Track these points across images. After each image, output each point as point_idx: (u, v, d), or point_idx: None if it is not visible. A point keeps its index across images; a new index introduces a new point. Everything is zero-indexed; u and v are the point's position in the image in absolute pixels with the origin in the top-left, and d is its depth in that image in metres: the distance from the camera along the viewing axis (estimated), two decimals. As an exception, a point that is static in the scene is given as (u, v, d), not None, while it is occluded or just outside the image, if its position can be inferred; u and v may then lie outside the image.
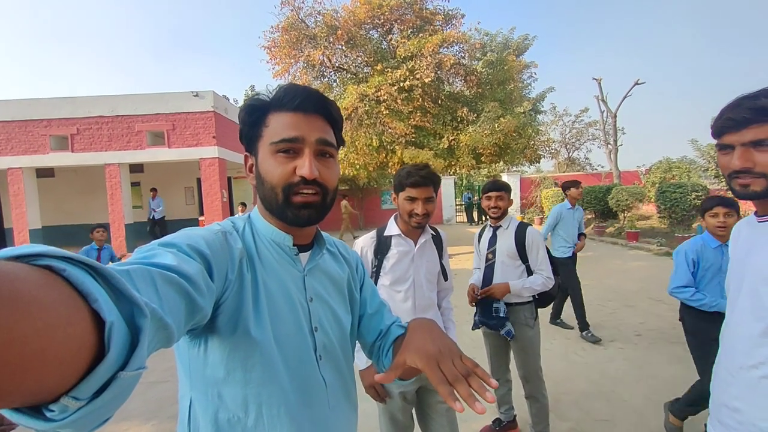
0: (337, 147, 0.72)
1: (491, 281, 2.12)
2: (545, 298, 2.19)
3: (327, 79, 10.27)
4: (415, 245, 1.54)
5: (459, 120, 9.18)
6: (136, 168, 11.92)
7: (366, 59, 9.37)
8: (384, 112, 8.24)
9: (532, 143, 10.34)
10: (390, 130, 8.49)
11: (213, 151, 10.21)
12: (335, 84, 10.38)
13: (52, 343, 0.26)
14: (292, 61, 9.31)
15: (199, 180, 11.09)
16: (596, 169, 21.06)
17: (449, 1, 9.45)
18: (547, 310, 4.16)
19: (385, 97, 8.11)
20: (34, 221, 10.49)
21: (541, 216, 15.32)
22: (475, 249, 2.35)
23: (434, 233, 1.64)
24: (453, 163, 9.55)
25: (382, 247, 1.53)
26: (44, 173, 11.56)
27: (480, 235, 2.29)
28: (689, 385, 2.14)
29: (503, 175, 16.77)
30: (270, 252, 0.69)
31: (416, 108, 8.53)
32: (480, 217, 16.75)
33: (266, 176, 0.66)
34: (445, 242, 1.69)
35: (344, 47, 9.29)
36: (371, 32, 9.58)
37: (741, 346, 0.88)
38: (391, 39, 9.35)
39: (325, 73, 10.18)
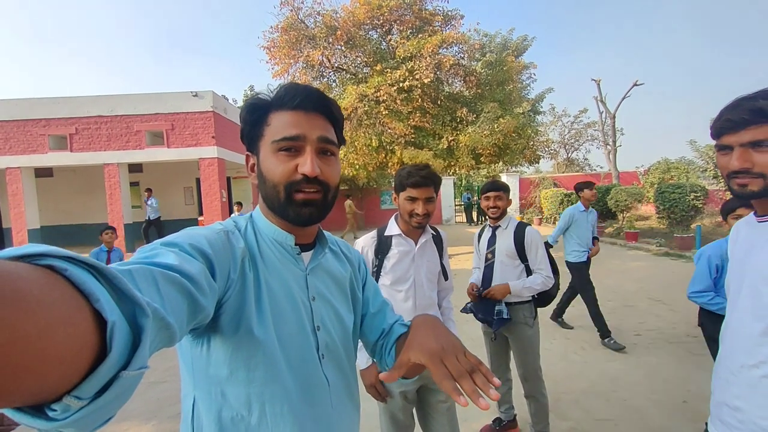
0: (338, 145, 0.72)
1: (491, 281, 2.14)
2: (545, 298, 2.20)
3: (326, 80, 10.28)
4: (416, 245, 1.55)
5: (458, 120, 9.19)
6: (135, 168, 11.91)
7: (365, 60, 9.37)
8: (383, 113, 8.24)
9: (532, 144, 10.36)
10: (389, 131, 8.50)
11: (212, 151, 10.20)
12: (335, 84, 10.38)
13: (54, 343, 0.26)
14: (292, 62, 9.32)
15: (199, 180, 11.09)
16: (595, 170, 21.10)
17: (448, 2, 9.50)
18: (547, 310, 4.17)
19: (385, 98, 8.11)
20: (33, 221, 10.47)
21: (540, 216, 15.34)
22: (475, 249, 2.37)
23: (435, 233, 1.64)
24: (452, 164, 9.56)
25: (383, 247, 1.53)
26: (43, 173, 11.54)
27: (479, 235, 2.32)
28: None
29: (502, 176, 16.77)
30: (272, 251, 0.68)
31: (416, 108, 8.53)
32: (479, 218, 16.77)
33: (268, 174, 0.66)
34: (446, 242, 1.69)
35: (344, 48, 9.29)
36: (371, 33, 9.59)
37: (742, 346, 0.89)
38: (391, 39, 9.36)
39: (325, 74, 10.18)
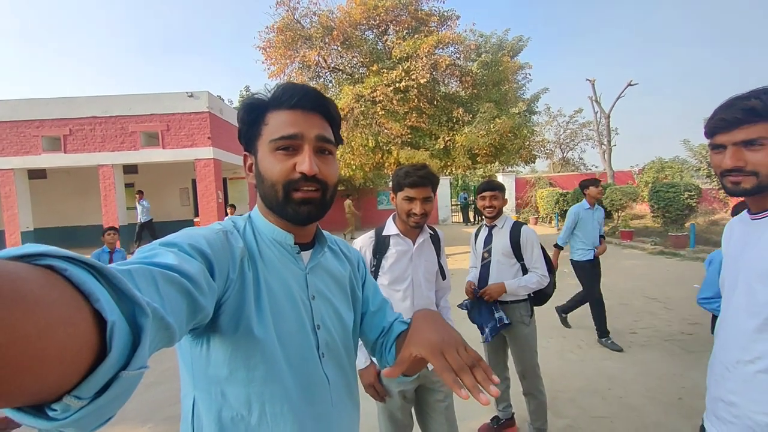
0: (336, 144, 0.72)
1: (487, 280, 2.17)
2: (541, 296, 2.23)
3: (323, 80, 10.26)
4: (414, 245, 1.55)
5: (454, 120, 9.21)
6: (130, 169, 11.82)
7: (362, 60, 9.36)
8: (380, 113, 8.24)
9: (527, 144, 10.40)
10: (386, 131, 8.50)
11: (208, 152, 10.15)
12: (331, 84, 10.37)
13: (54, 343, 0.26)
14: (288, 62, 9.29)
15: (194, 181, 11.03)
16: (590, 169, 21.26)
17: (444, 3, 9.46)
18: (544, 308, 4.18)
19: (381, 98, 8.11)
20: (26, 223, 10.36)
21: (536, 216, 15.42)
22: (472, 248, 2.39)
23: (432, 233, 1.65)
24: (449, 164, 9.58)
25: (381, 247, 1.53)
26: (36, 174, 11.43)
27: (476, 235, 2.35)
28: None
29: (499, 176, 16.83)
30: (272, 251, 0.69)
31: (412, 108, 8.54)
32: (476, 217, 16.82)
33: (266, 174, 0.66)
34: (443, 241, 1.70)
35: (340, 48, 9.28)
36: (367, 33, 9.58)
37: (736, 342, 0.90)
38: (387, 40, 9.36)
39: (321, 74, 10.16)
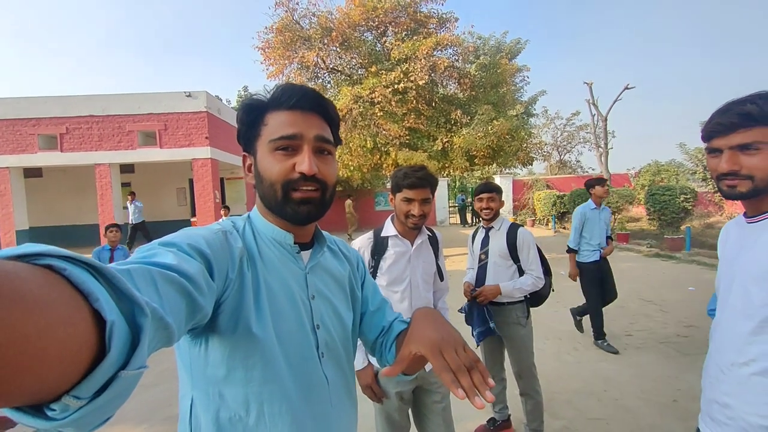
0: (335, 145, 0.73)
1: (484, 281, 2.19)
2: (537, 298, 2.24)
3: (321, 81, 10.26)
4: (412, 246, 1.55)
5: (453, 122, 9.24)
6: (127, 168, 11.77)
7: (360, 61, 9.38)
8: (378, 114, 8.25)
9: (525, 146, 10.44)
10: (384, 132, 8.51)
11: (206, 152, 10.11)
12: (329, 85, 10.37)
13: (54, 343, 0.26)
14: (287, 63, 9.29)
15: (192, 181, 10.99)
16: (587, 172, 21.33)
17: (443, 5, 9.49)
18: (540, 311, 4.19)
19: (380, 99, 8.11)
20: (21, 222, 10.28)
21: (534, 218, 15.47)
22: (469, 250, 2.40)
23: (430, 234, 1.65)
24: (446, 165, 9.61)
25: (379, 248, 1.53)
26: (32, 173, 11.35)
27: (473, 236, 2.36)
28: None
29: (496, 177, 16.89)
30: (271, 250, 0.69)
31: (410, 110, 8.56)
32: (473, 219, 16.85)
33: (265, 174, 0.66)
34: (441, 243, 1.70)
35: (338, 49, 9.28)
36: (366, 34, 9.59)
37: (732, 344, 0.90)
38: (386, 41, 9.38)
39: (320, 75, 10.17)
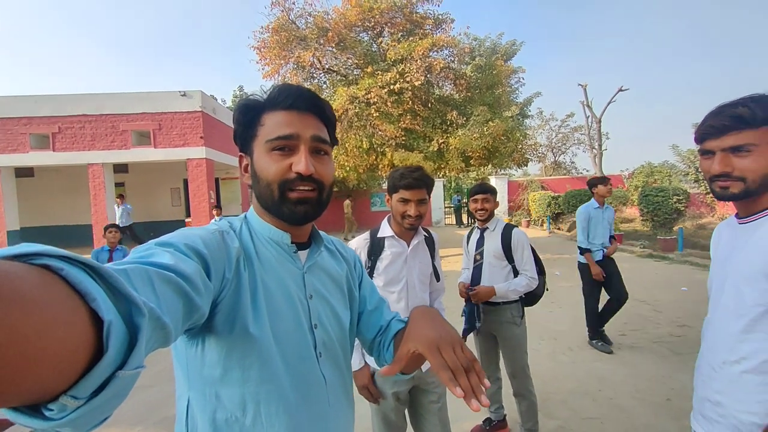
0: (331, 145, 0.73)
1: (479, 281, 2.21)
2: (531, 297, 2.26)
3: (317, 81, 10.26)
4: (408, 247, 1.56)
5: (448, 123, 9.27)
6: (121, 168, 11.66)
7: (356, 61, 9.38)
8: (374, 115, 8.26)
9: (520, 147, 10.52)
10: (380, 133, 8.52)
11: (200, 152, 10.05)
12: (325, 86, 10.37)
13: (51, 343, 0.26)
14: (282, 62, 9.27)
15: (186, 181, 10.91)
16: (581, 173, 21.53)
17: (439, 6, 9.53)
18: (535, 311, 4.21)
19: (375, 100, 8.12)
20: (12, 222, 10.14)
21: (529, 219, 15.56)
22: (464, 250, 2.42)
23: (427, 235, 1.65)
24: (442, 166, 9.64)
25: (376, 249, 1.54)
26: (23, 173, 11.21)
27: (468, 237, 2.38)
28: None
29: (491, 178, 16.96)
30: (268, 250, 0.69)
31: (406, 111, 8.58)
32: (469, 220, 16.92)
33: (262, 174, 0.66)
34: (437, 244, 1.71)
35: (335, 49, 9.29)
36: (362, 35, 9.60)
37: (723, 343, 0.92)
38: (382, 42, 9.39)
39: (315, 75, 10.16)
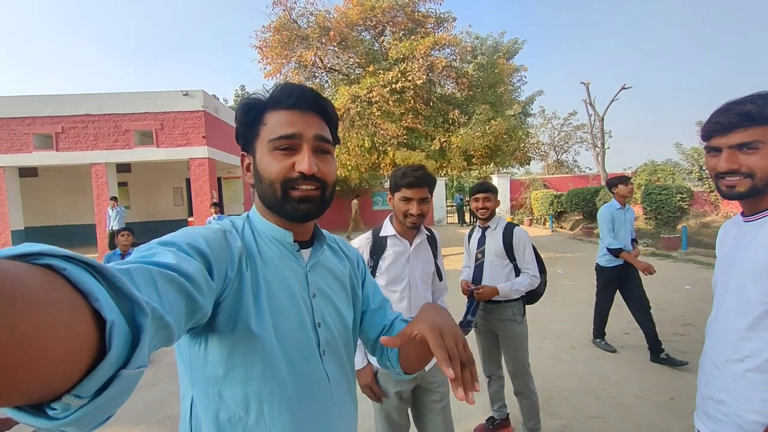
0: (334, 144, 0.73)
1: (480, 280, 2.21)
2: (532, 295, 2.26)
3: (319, 80, 10.24)
4: (411, 246, 1.55)
5: (450, 122, 9.25)
6: (124, 168, 11.71)
7: (358, 60, 9.37)
8: (376, 114, 8.24)
9: (522, 145, 10.48)
10: (382, 132, 8.51)
11: (203, 151, 10.08)
12: (327, 85, 10.36)
13: (54, 342, 0.26)
14: (284, 62, 9.26)
15: (189, 180, 10.94)
16: (584, 172, 21.43)
17: (441, 4, 9.50)
18: (538, 309, 4.20)
19: (377, 99, 8.11)
20: (17, 222, 10.21)
21: (531, 217, 15.53)
22: (465, 249, 2.42)
23: (429, 234, 1.65)
24: (444, 165, 9.62)
25: (378, 248, 1.54)
26: (27, 173, 11.28)
27: (469, 236, 2.38)
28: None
29: (493, 177, 16.94)
30: (271, 249, 0.69)
31: (408, 110, 8.56)
32: (471, 219, 16.91)
33: (264, 173, 0.66)
34: (440, 243, 1.71)
35: (336, 48, 9.27)
36: (363, 34, 9.59)
37: (727, 341, 0.91)
38: (383, 41, 9.38)
39: (317, 74, 10.15)
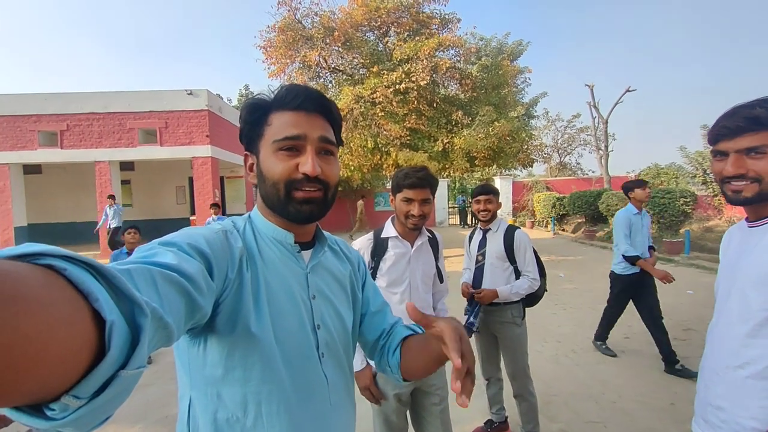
0: (337, 146, 0.73)
1: (481, 282, 2.21)
2: (532, 298, 2.26)
3: (323, 80, 10.25)
4: (412, 247, 1.55)
5: (453, 123, 9.24)
6: (127, 166, 11.76)
7: (362, 61, 9.37)
8: (379, 114, 8.24)
9: (526, 147, 10.44)
10: (385, 132, 8.50)
11: (206, 150, 10.11)
12: (331, 85, 10.37)
13: (54, 343, 0.26)
14: (288, 62, 9.28)
15: (191, 179, 10.98)
16: (587, 174, 21.36)
17: (446, 6, 9.49)
18: (538, 312, 4.19)
19: (381, 99, 8.11)
20: (20, 219, 10.27)
21: (533, 220, 15.49)
22: (466, 251, 2.42)
23: (431, 236, 1.65)
24: (447, 166, 9.60)
25: (379, 249, 1.53)
26: (31, 170, 11.34)
27: (470, 238, 2.37)
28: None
29: (496, 179, 16.91)
30: (272, 250, 0.69)
31: (411, 110, 8.55)
32: (473, 220, 16.89)
33: (268, 173, 0.66)
34: (441, 245, 1.70)
35: (340, 49, 9.28)
36: (368, 34, 9.59)
37: (727, 347, 0.91)
38: (388, 41, 9.37)
39: (321, 74, 10.16)
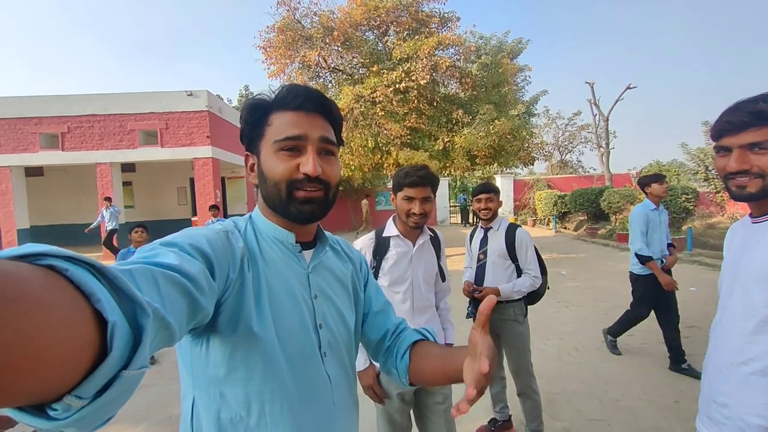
0: (338, 146, 0.73)
1: (482, 280, 2.22)
2: (533, 296, 2.27)
3: (322, 80, 10.25)
4: (414, 246, 1.55)
5: (454, 122, 9.23)
6: (128, 167, 11.79)
7: (362, 60, 9.37)
8: (379, 114, 8.24)
9: (526, 145, 10.43)
10: (385, 132, 8.50)
11: (207, 151, 10.13)
12: (331, 85, 10.37)
13: (56, 343, 0.26)
14: (288, 62, 9.28)
15: (192, 180, 11.00)
16: (588, 172, 21.30)
17: (445, 4, 9.47)
18: (541, 310, 4.19)
19: (381, 99, 8.11)
20: (23, 221, 10.31)
21: (534, 218, 15.47)
22: (467, 249, 2.43)
23: (432, 234, 1.65)
24: (448, 165, 9.59)
25: (381, 248, 1.53)
26: (33, 172, 11.39)
27: (471, 236, 2.37)
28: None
29: (497, 177, 16.89)
30: (273, 250, 0.69)
31: (411, 109, 8.54)
32: (474, 219, 16.89)
33: (269, 174, 0.66)
34: (443, 243, 1.70)
35: (340, 48, 9.28)
36: (367, 34, 9.59)
37: (731, 344, 0.91)
38: (387, 41, 9.37)
39: (321, 74, 10.16)
